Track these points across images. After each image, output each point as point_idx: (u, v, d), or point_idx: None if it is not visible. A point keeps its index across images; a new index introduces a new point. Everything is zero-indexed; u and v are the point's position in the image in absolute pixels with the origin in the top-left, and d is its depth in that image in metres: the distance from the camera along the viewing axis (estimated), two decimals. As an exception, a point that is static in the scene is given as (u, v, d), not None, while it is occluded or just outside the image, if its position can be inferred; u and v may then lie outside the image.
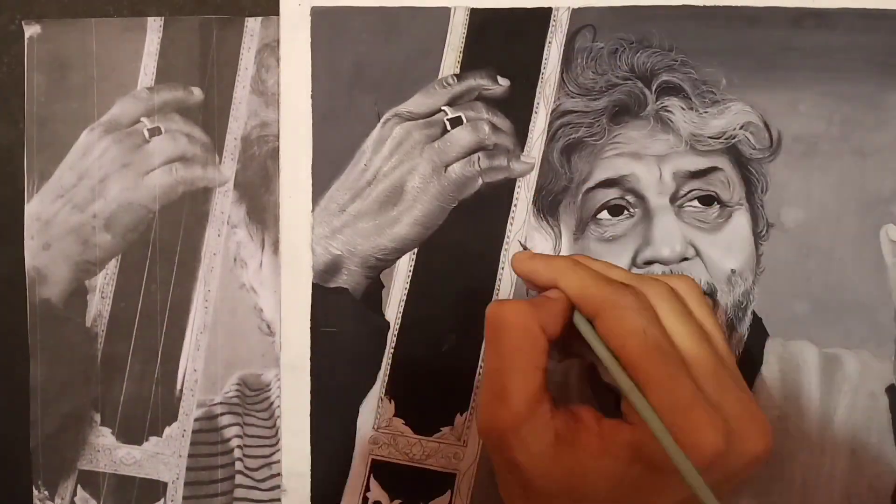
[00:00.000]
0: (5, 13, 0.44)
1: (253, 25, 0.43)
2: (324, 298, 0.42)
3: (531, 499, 0.31)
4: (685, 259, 0.41)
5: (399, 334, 0.42)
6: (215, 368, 0.43)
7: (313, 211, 0.42)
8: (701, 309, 0.34)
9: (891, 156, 0.41)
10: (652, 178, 0.41)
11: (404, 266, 0.42)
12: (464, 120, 0.42)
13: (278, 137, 0.43)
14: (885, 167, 0.41)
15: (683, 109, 0.41)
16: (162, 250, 0.43)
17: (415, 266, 0.42)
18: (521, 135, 0.42)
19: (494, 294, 0.42)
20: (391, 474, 0.42)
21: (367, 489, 0.42)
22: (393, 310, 0.42)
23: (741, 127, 0.41)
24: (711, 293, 0.41)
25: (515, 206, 0.42)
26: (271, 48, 0.43)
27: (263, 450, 0.43)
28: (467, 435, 0.42)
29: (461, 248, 0.42)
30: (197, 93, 0.43)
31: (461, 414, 0.42)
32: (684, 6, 0.41)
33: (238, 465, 0.43)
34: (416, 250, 0.42)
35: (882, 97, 0.40)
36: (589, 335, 0.32)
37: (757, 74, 0.41)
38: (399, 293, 0.42)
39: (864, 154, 0.41)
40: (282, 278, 0.43)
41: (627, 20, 0.41)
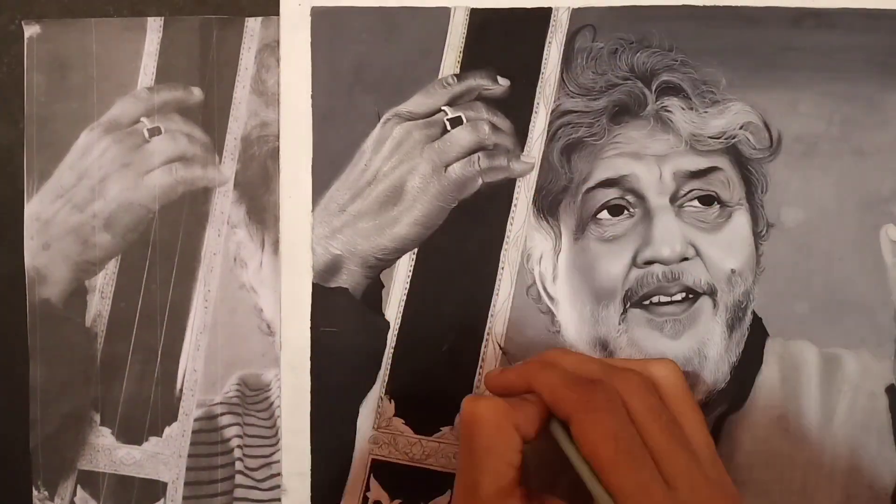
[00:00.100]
0: (5, 13, 0.44)
1: (253, 25, 0.43)
2: (324, 298, 0.42)
3: None
4: (685, 259, 0.41)
5: (399, 334, 0.42)
6: (215, 368, 0.43)
7: (313, 211, 0.42)
8: (678, 397, 0.34)
9: (891, 156, 0.41)
10: (652, 178, 0.41)
11: (404, 266, 0.42)
12: (464, 120, 0.42)
13: (278, 137, 0.43)
14: (885, 167, 0.41)
15: (683, 109, 0.41)
16: (162, 250, 0.43)
17: (415, 266, 0.42)
18: (521, 135, 0.42)
19: (494, 294, 0.42)
20: (391, 474, 0.42)
21: (367, 489, 0.42)
22: (393, 310, 0.42)
23: (741, 127, 0.41)
24: (712, 293, 0.41)
25: (515, 206, 0.42)
26: (271, 48, 0.43)
27: (263, 450, 0.43)
28: (467, 435, 0.42)
29: (461, 248, 0.42)
30: (197, 93, 0.43)
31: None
32: (684, 6, 0.41)
33: (238, 465, 0.43)
34: (416, 250, 0.42)
35: (882, 97, 0.40)
36: (563, 442, 0.33)
37: (757, 74, 0.41)
38: (399, 293, 0.42)
39: (864, 154, 0.41)
40: (282, 278, 0.43)
41: (627, 20, 0.41)
